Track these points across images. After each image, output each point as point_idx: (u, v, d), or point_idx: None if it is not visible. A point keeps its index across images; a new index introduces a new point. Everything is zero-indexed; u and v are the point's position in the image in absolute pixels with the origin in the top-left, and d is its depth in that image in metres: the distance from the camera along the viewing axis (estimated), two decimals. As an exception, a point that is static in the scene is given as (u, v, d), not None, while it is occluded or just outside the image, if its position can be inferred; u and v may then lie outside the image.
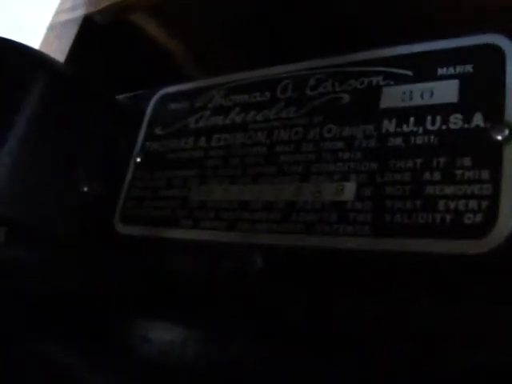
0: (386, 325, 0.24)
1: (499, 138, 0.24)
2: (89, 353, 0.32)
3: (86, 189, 0.34)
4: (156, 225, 0.32)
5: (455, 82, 0.26)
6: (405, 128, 0.26)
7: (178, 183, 0.32)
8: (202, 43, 0.42)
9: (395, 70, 0.28)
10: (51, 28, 0.43)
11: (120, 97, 0.37)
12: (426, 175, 0.25)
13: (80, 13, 0.42)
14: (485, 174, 0.23)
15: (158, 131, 0.35)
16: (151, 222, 0.32)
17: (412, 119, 0.26)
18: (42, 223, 0.33)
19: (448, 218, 0.24)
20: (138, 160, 0.34)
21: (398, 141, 0.26)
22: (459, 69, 0.26)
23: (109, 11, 0.41)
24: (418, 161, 0.25)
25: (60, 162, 0.34)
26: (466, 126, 0.25)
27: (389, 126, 0.27)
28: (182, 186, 0.32)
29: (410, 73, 0.27)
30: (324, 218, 0.26)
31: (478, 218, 0.23)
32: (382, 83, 0.28)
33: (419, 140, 0.26)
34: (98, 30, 0.42)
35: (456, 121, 0.25)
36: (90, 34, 0.41)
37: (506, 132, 0.24)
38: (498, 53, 0.25)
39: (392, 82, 0.27)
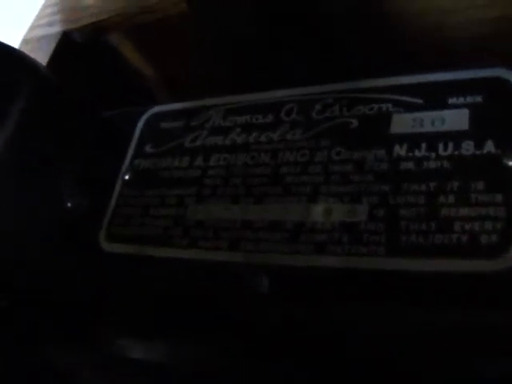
0: (401, 344, 0.25)
1: (511, 164, 0.25)
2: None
3: (69, 204, 0.33)
4: (146, 243, 0.31)
5: (466, 111, 0.27)
6: (417, 153, 0.27)
7: (172, 201, 0.31)
8: (175, 68, 0.42)
9: (405, 98, 0.28)
10: (26, 42, 0.42)
11: (107, 113, 0.36)
12: (441, 198, 0.25)
13: (57, 29, 0.41)
14: (498, 198, 0.24)
15: (148, 149, 0.34)
16: (140, 241, 0.31)
17: (424, 145, 0.27)
18: (23, 238, 0.32)
19: (464, 238, 0.24)
20: (126, 178, 0.33)
21: (410, 165, 0.27)
22: (469, 99, 0.27)
23: (87, 29, 0.40)
24: (432, 184, 0.26)
25: (43, 175, 0.32)
26: (477, 152, 0.26)
27: (400, 150, 0.27)
28: (177, 204, 0.31)
29: (420, 101, 0.28)
30: (335, 239, 0.26)
31: (494, 238, 0.24)
32: (391, 110, 0.28)
33: (432, 164, 0.26)
34: (76, 47, 0.41)
35: (468, 147, 0.26)
36: (67, 50, 0.41)
37: (518, 159, 0.25)
38: (506, 85, 0.27)
39: (402, 110, 0.28)
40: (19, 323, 0.31)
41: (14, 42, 0.42)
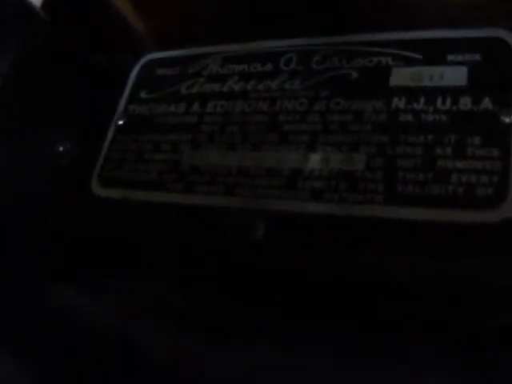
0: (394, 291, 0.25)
1: (507, 120, 0.25)
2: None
3: (61, 148, 0.32)
4: (139, 188, 0.31)
5: (464, 68, 0.27)
6: (415, 106, 0.27)
7: (167, 147, 0.31)
8: (169, 25, 0.42)
9: (405, 53, 0.29)
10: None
11: (100, 58, 0.36)
12: (438, 150, 0.26)
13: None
14: (495, 152, 0.25)
15: (143, 95, 0.34)
16: (133, 185, 0.31)
17: (422, 98, 0.27)
18: (17, 181, 0.31)
19: (460, 189, 0.25)
20: (120, 123, 0.33)
21: (409, 117, 0.27)
22: (468, 57, 0.28)
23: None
24: (430, 136, 0.26)
25: (33, 119, 0.32)
26: (475, 108, 0.26)
27: (399, 102, 0.28)
28: (172, 150, 0.31)
29: (419, 56, 0.29)
30: (332, 186, 0.27)
31: (489, 191, 0.24)
32: (391, 63, 0.29)
33: (430, 118, 0.27)
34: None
35: (466, 103, 0.27)
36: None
37: (514, 116, 0.25)
38: (504, 45, 0.27)
39: (401, 64, 0.29)
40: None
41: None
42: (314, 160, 0.28)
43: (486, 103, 0.26)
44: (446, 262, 0.25)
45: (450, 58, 0.28)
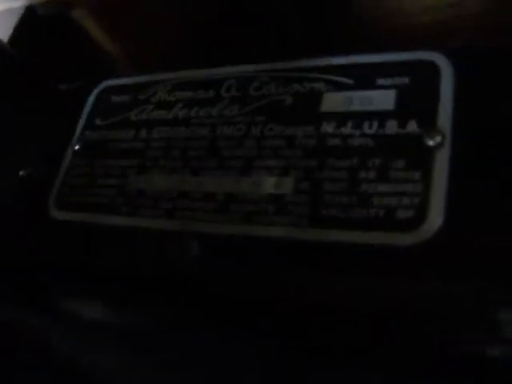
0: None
1: (431, 143, 0.26)
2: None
3: (21, 173, 0.34)
4: (92, 211, 0.32)
5: (392, 92, 0.28)
6: (343, 130, 0.28)
7: (116, 172, 0.33)
8: (136, 44, 0.43)
9: (336, 78, 0.30)
10: (-9, 15, 0.43)
11: (60, 85, 0.38)
12: (362, 174, 0.26)
13: (21, 3, 0.42)
14: (417, 175, 0.25)
15: (98, 121, 0.35)
16: (87, 209, 0.32)
17: (350, 123, 0.28)
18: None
19: (382, 212, 0.25)
20: (76, 148, 0.35)
21: (337, 141, 0.28)
22: (397, 80, 0.28)
23: (51, 4, 0.41)
24: (355, 160, 0.27)
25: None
26: (400, 131, 0.27)
27: (328, 127, 0.28)
28: (121, 175, 0.32)
29: (350, 81, 0.29)
30: (262, 209, 0.28)
31: (410, 213, 0.25)
32: (323, 89, 0.30)
33: (356, 142, 0.27)
34: (39, 21, 0.42)
35: (392, 126, 0.27)
36: (30, 24, 0.42)
37: (438, 138, 0.26)
38: (433, 68, 0.28)
39: (333, 89, 0.29)
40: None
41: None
42: (246, 184, 0.29)
43: (412, 126, 0.27)
44: (366, 282, 0.25)
45: (379, 81, 0.29)
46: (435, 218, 0.24)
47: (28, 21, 0.41)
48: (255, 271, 0.27)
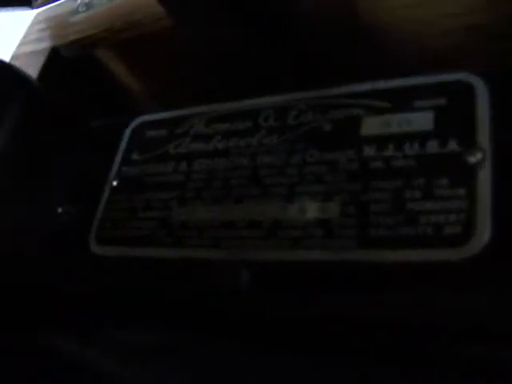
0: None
1: (473, 160, 0.26)
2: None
3: (60, 210, 0.34)
4: (133, 245, 0.33)
5: (430, 113, 0.29)
6: (385, 152, 0.29)
7: (158, 205, 0.33)
8: (161, 83, 0.44)
9: (373, 103, 0.30)
10: (15, 58, 0.44)
11: (95, 123, 0.38)
12: (407, 193, 0.27)
13: (46, 45, 0.43)
14: (461, 192, 0.26)
15: (135, 156, 0.36)
16: (128, 242, 0.33)
17: (391, 145, 0.29)
18: (17, 245, 0.33)
19: (429, 229, 0.26)
20: (114, 184, 0.35)
21: (379, 164, 0.28)
22: (434, 101, 0.29)
23: (75, 45, 0.42)
24: (399, 181, 0.27)
25: (35, 183, 0.34)
26: (442, 150, 0.27)
27: (369, 150, 0.29)
28: (162, 207, 0.33)
29: (388, 105, 0.30)
30: (309, 234, 0.28)
31: (458, 229, 0.25)
32: (361, 114, 0.30)
33: (399, 163, 0.28)
34: (64, 62, 0.43)
35: (433, 146, 0.28)
36: (55, 65, 0.42)
37: (479, 155, 0.26)
38: (469, 89, 0.28)
39: (371, 113, 0.30)
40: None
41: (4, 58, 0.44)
42: (292, 210, 0.29)
43: (452, 145, 0.27)
44: (420, 299, 0.26)
45: (416, 104, 0.29)
46: (482, 233, 0.25)
47: (53, 62, 0.42)
48: (306, 296, 0.28)
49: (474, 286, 0.25)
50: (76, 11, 0.42)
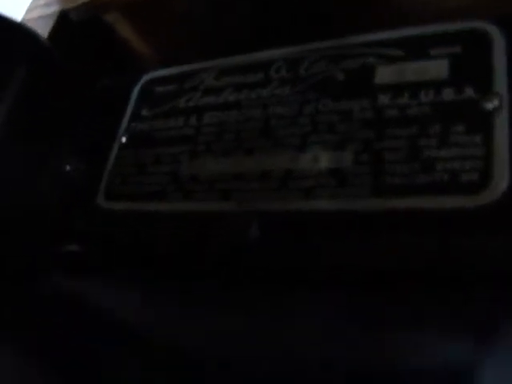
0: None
1: (490, 106, 0.26)
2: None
3: (68, 167, 0.34)
4: (143, 199, 0.32)
5: (446, 61, 0.28)
6: (400, 100, 0.28)
7: (167, 159, 0.33)
8: (171, 46, 0.44)
9: (387, 51, 0.30)
10: (25, 23, 0.43)
11: (104, 81, 0.38)
12: (422, 141, 0.26)
13: (54, 9, 0.42)
14: (478, 139, 0.25)
15: (144, 112, 0.35)
16: (138, 197, 0.32)
17: (406, 93, 0.28)
18: (26, 199, 0.33)
19: (446, 177, 0.25)
20: (123, 140, 0.35)
21: (394, 112, 0.28)
22: (449, 49, 0.28)
23: (84, 8, 0.42)
24: (414, 129, 0.27)
25: (43, 141, 0.34)
26: (457, 97, 0.27)
27: (384, 99, 0.28)
28: (172, 161, 0.32)
29: (402, 53, 0.29)
30: (322, 183, 0.28)
31: (474, 176, 0.25)
32: (375, 62, 0.30)
33: (414, 111, 0.27)
34: (73, 26, 0.42)
35: (448, 93, 0.27)
36: (64, 29, 0.42)
37: (496, 102, 0.26)
38: (485, 37, 0.28)
39: (385, 62, 0.29)
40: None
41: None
42: (304, 160, 0.29)
43: (469, 92, 0.27)
44: (436, 245, 0.25)
45: (431, 52, 0.29)
46: (500, 180, 0.24)
47: (62, 26, 0.42)
48: (318, 245, 0.27)
49: (491, 232, 0.24)
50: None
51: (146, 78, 0.37)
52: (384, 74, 0.29)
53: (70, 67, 0.36)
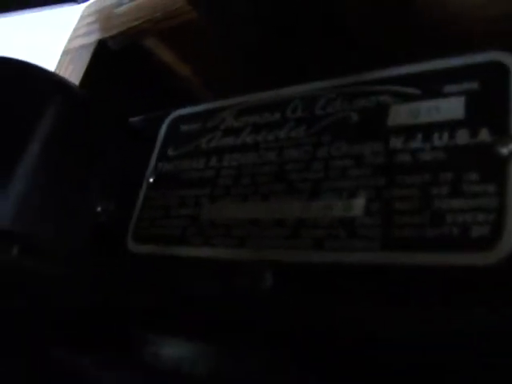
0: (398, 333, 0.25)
1: (505, 151, 0.24)
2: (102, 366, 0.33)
3: (99, 208, 0.35)
4: (167, 243, 0.32)
5: (461, 99, 0.26)
6: (412, 144, 0.27)
7: (190, 202, 0.33)
8: (212, 68, 0.44)
9: (402, 89, 0.28)
10: (66, 53, 0.44)
11: (133, 119, 0.38)
12: (434, 189, 0.25)
13: (94, 38, 0.43)
14: (491, 188, 0.24)
15: (170, 152, 0.35)
16: (162, 241, 0.33)
17: (419, 136, 0.27)
18: (57, 241, 0.34)
19: (455, 230, 0.24)
20: (151, 180, 0.35)
21: (406, 157, 0.26)
22: (465, 86, 0.26)
23: (122, 36, 0.42)
24: (426, 176, 0.25)
25: (74, 182, 0.34)
26: (472, 141, 0.25)
27: (396, 142, 0.27)
28: (194, 204, 0.32)
29: (417, 91, 0.28)
30: (333, 234, 0.27)
31: (485, 230, 0.23)
32: (389, 101, 0.28)
33: (427, 156, 0.26)
34: (111, 54, 0.43)
35: (463, 136, 0.25)
36: (103, 58, 0.43)
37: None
38: (502, 69, 0.26)
39: (399, 100, 0.28)
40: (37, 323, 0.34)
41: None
42: (316, 209, 0.28)
43: (483, 135, 0.25)
44: (441, 306, 0.24)
45: (446, 89, 0.27)
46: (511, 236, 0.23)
47: (100, 55, 0.42)
48: (328, 298, 0.26)
49: (501, 294, 0.23)
50: (121, 3, 0.42)
51: (172, 115, 0.37)
52: (398, 115, 0.28)
53: (102, 106, 0.37)
